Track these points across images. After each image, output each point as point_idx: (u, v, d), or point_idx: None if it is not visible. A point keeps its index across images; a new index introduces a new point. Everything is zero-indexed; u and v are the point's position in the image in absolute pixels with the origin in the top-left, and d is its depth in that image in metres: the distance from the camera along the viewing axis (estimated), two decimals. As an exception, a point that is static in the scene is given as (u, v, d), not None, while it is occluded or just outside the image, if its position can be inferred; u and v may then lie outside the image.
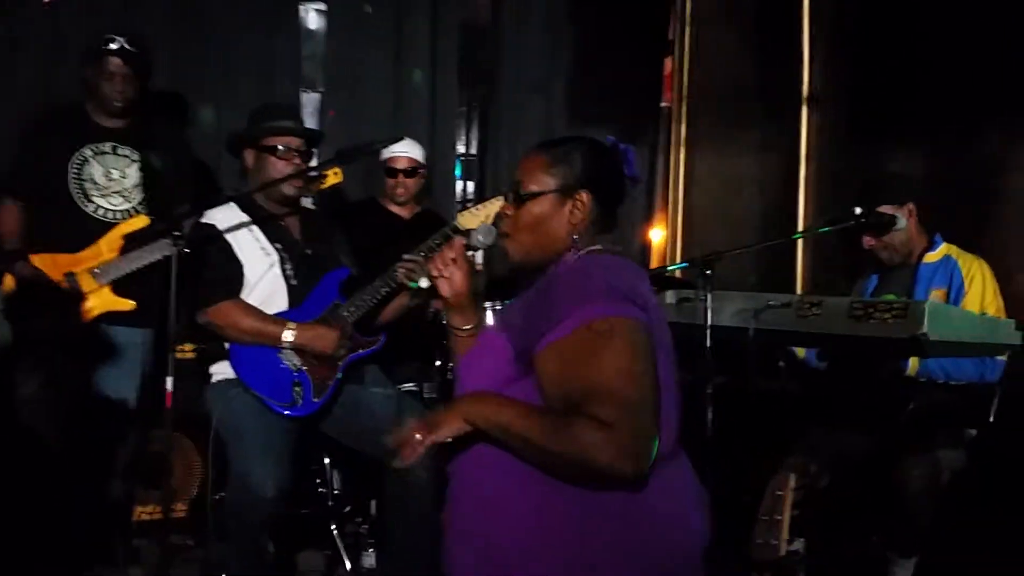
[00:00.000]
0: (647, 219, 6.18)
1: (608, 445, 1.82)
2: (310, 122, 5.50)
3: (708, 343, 3.29)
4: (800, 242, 5.09)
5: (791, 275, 5.06)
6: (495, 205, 3.90)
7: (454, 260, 2.23)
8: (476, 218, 3.85)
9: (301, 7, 5.63)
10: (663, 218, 6.32)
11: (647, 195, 6.11)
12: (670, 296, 3.77)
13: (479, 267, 5.55)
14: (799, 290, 4.97)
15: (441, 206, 5.48)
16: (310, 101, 5.67)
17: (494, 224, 2.25)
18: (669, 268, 4.35)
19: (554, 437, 1.86)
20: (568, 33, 6.00)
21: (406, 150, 4.72)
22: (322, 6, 5.67)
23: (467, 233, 3.32)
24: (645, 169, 6.07)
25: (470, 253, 2.25)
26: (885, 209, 3.76)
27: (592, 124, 5.86)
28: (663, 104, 6.30)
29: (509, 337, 2.03)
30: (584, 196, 2.12)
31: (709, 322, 3.31)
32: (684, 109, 6.25)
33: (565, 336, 1.92)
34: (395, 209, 4.80)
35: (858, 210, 3.71)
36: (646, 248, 6.21)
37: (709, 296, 3.33)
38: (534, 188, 2.14)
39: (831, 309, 3.24)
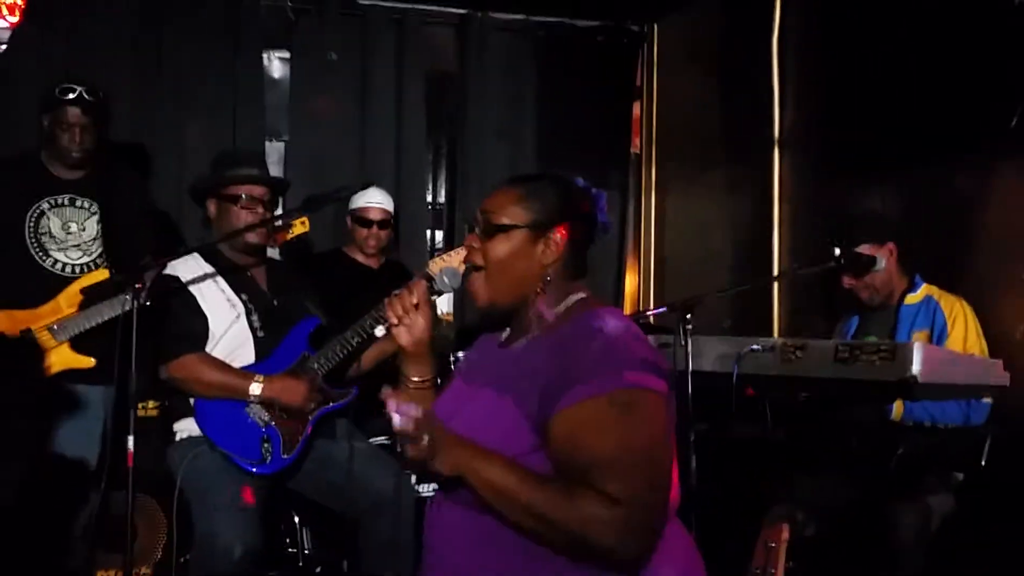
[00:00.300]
0: (619, 264, 6.11)
1: (613, 525, 1.69)
2: (275, 171, 5.42)
3: (689, 389, 3.20)
4: (776, 284, 5.03)
5: (767, 317, 5.00)
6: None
7: (416, 305, 2.12)
8: (449, 263, 3.76)
9: (264, 55, 5.55)
10: (634, 263, 6.27)
11: (619, 240, 6.04)
12: (651, 341, 3.69)
13: (447, 316, 5.48)
14: (776, 333, 4.90)
15: (408, 256, 5.39)
16: (275, 150, 5.58)
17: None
18: (647, 313, 4.25)
19: (556, 509, 1.72)
20: (534, 79, 5.95)
21: (379, 201, 4.65)
22: (286, 54, 5.61)
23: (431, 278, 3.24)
24: (616, 214, 6.01)
25: (434, 298, 2.15)
26: (864, 249, 3.72)
27: (561, 169, 5.79)
28: (633, 150, 6.27)
29: (515, 399, 1.85)
30: (558, 235, 1.98)
31: (690, 368, 3.23)
32: (654, 153, 6.22)
33: (581, 402, 1.77)
34: (362, 259, 4.71)
35: (837, 251, 3.66)
36: (619, 294, 6.14)
37: (689, 341, 3.25)
38: (505, 221, 1.98)
39: (815, 352, 3.17)
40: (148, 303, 3.35)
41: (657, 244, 6.19)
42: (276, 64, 5.65)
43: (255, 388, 3.45)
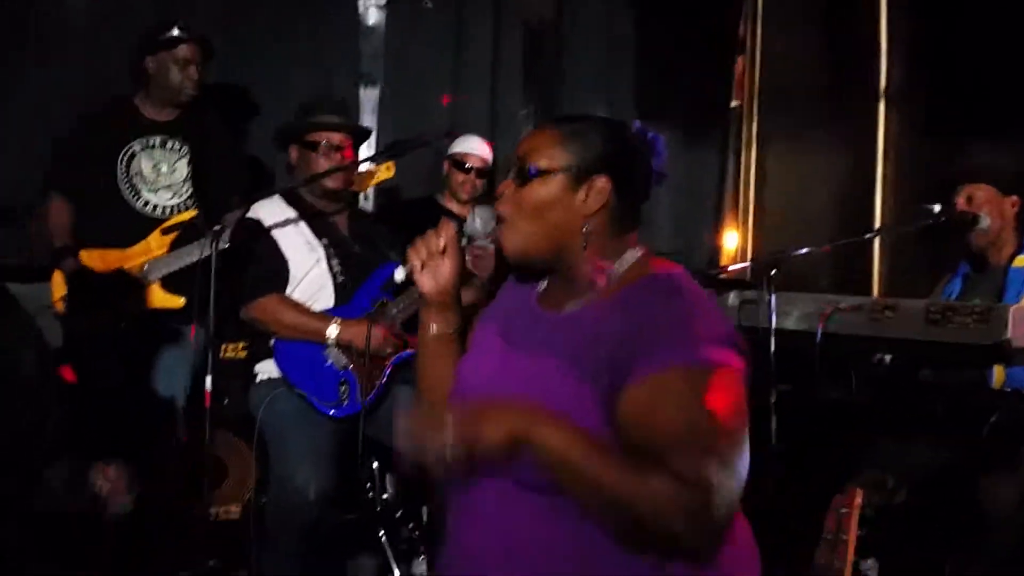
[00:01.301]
0: (717, 221, 5.97)
1: (684, 508, 1.53)
2: (369, 118, 5.42)
3: (772, 348, 3.10)
4: (877, 242, 4.84)
5: (867, 278, 4.83)
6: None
7: (443, 250, 1.90)
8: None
9: (360, 2, 5.54)
10: (734, 220, 6.11)
11: (717, 197, 5.90)
12: (732, 298, 3.59)
13: (483, 253, 5.42)
14: (875, 293, 4.73)
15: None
16: (369, 97, 5.57)
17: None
18: (727, 269, 4.14)
19: (626, 486, 1.55)
20: (633, 32, 5.81)
21: (480, 149, 4.60)
22: (381, 1, 5.58)
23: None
24: (715, 169, 5.87)
25: (464, 242, 1.91)
26: (979, 197, 3.52)
27: (658, 124, 5.69)
28: (734, 104, 6.09)
29: (580, 370, 1.68)
30: (601, 181, 1.76)
31: (773, 326, 3.12)
32: (755, 108, 6.03)
33: (656, 375, 1.61)
34: (455, 208, 4.66)
35: (937, 207, 3.48)
36: (716, 251, 6.00)
37: (773, 298, 3.14)
38: (543, 164, 1.77)
39: (906, 312, 3.05)
40: (228, 245, 3.40)
41: (757, 201, 6.01)
42: (372, 11, 5.62)
43: (332, 330, 3.45)
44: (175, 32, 3.98)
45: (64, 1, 4.85)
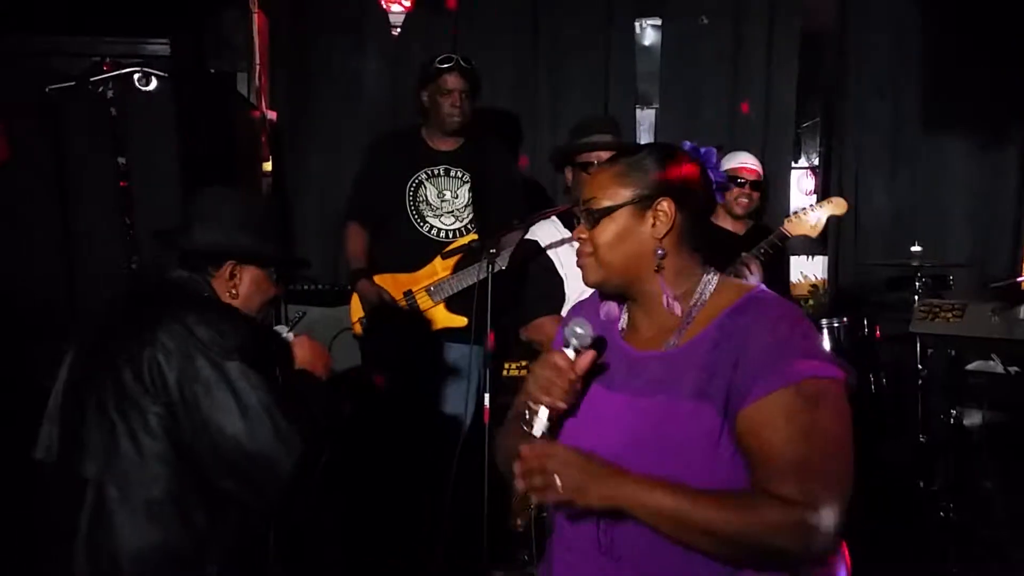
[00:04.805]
0: (1017, 229, 5.54)
1: (796, 530, 1.61)
2: (645, 138, 5.47)
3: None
4: None
5: None
6: (825, 210, 3.68)
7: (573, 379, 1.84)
8: (804, 224, 3.65)
9: (637, 23, 5.60)
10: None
11: (1017, 203, 5.48)
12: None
13: (822, 282, 5.28)
14: None
15: (772, 221, 5.23)
16: (646, 117, 5.62)
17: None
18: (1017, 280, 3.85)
19: (737, 524, 1.62)
20: (920, 38, 5.51)
21: (751, 163, 4.55)
22: (657, 21, 5.61)
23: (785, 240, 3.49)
24: (1014, 175, 5.46)
25: (570, 351, 1.83)
26: None
27: (948, 130, 5.38)
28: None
29: (700, 403, 1.73)
30: (664, 204, 1.86)
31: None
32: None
33: (768, 396, 1.68)
34: (728, 224, 4.61)
35: None
36: (1016, 260, 5.57)
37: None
38: (606, 203, 1.88)
39: None
40: (504, 267, 3.52)
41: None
42: (648, 32, 5.67)
43: (608, 352, 3.49)
44: (440, 64, 4.18)
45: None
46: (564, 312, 3.58)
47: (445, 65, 4.18)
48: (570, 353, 1.84)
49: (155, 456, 2.19)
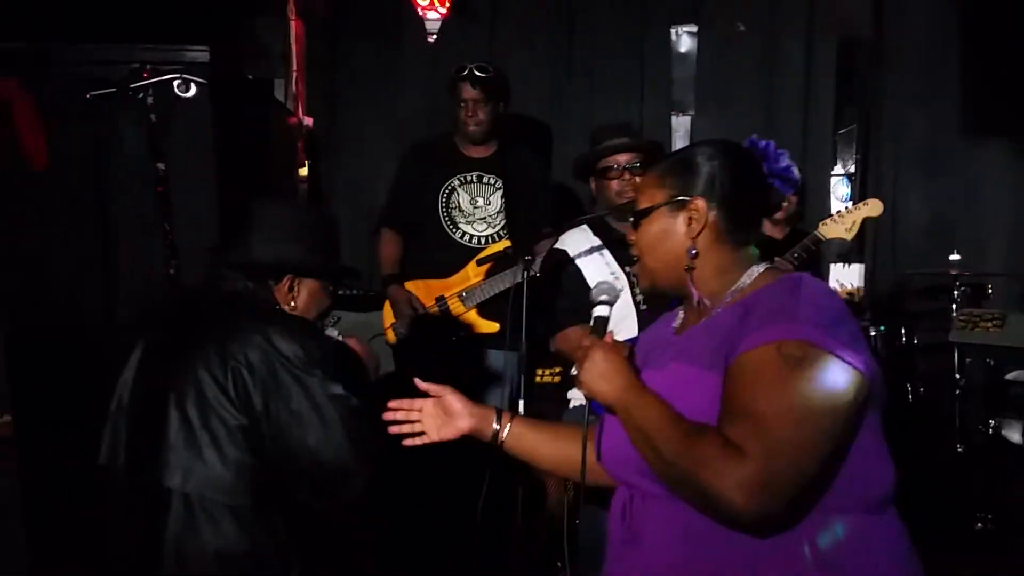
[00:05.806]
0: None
1: (729, 472, 1.58)
2: (680, 145, 5.44)
3: None
4: None
5: None
6: (860, 212, 3.67)
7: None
8: (839, 227, 3.64)
9: (672, 30, 5.59)
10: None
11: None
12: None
13: (858, 290, 5.23)
14: None
15: (810, 226, 5.21)
16: (681, 124, 5.61)
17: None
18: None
19: (676, 446, 1.66)
20: (958, 44, 5.45)
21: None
22: (693, 28, 5.60)
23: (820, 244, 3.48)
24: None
25: (602, 313, 1.99)
26: None
27: (986, 137, 5.32)
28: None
29: (706, 366, 1.76)
30: (698, 203, 1.88)
31: None
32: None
33: (753, 349, 1.68)
34: (767, 229, 4.58)
35: None
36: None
37: None
38: (644, 205, 1.96)
39: None
40: (538, 274, 3.52)
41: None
42: (684, 39, 5.66)
43: (638, 360, 3.48)
44: (456, 74, 4.19)
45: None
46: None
47: (459, 75, 4.18)
48: (603, 310, 1.99)
49: (238, 465, 2.22)
